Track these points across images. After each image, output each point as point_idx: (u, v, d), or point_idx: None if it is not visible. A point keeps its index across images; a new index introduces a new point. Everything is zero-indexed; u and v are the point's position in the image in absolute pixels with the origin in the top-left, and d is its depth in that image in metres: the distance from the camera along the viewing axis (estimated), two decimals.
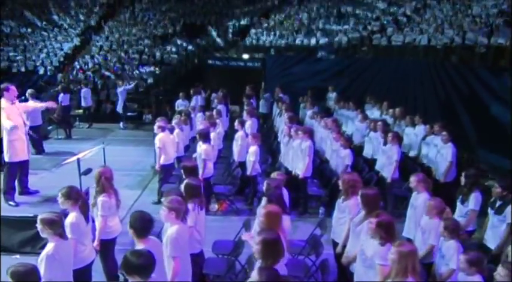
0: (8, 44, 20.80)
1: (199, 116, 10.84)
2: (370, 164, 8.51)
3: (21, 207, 6.98)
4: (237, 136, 8.46)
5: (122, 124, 14.21)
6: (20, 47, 20.79)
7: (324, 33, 18.30)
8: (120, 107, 14.11)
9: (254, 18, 22.24)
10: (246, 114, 9.43)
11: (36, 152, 10.59)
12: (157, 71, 18.77)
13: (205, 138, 7.50)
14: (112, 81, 16.93)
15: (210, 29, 21.60)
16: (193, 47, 20.69)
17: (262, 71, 19.27)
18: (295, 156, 7.78)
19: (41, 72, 19.01)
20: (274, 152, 9.83)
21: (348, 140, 7.74)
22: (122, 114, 14.27)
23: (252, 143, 7.81)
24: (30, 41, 21.51)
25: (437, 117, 10.87)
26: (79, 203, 4.44)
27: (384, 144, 7.91)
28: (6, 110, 6.99)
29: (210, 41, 21.35)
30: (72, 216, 4.36)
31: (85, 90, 14.34)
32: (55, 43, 21.25)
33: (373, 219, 3.97)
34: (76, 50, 21.01)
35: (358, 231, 4.51)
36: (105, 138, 12.75)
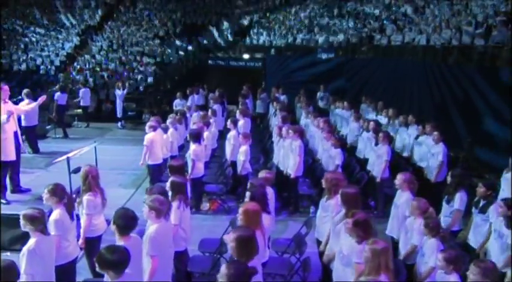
0: (10, 43, 20.95)
1: (195, 116, 10.90)
2: (362, 164, 8.54)
3: (13, 205, 7.05)
4: (230, 135, 8.51)
5: (120, 123, 14.30)
6: (21, 47, 20.91)
7: (324, 33, 18.32)
8: (119, 110, 14.19)
9: (254, 18, 22.29)
10: (239, 113, 9.48)
11: (33, 152, 10.72)
12: (158, 71, 18.85)
13: (195, 138, 7.57)
14: (113, 81, 17.01)
15: (212, 28, 21.65)
16: (193, 47, 20.76)
17: (263, 70, 19.35)
18: (286, 156, 7.83)
19: (42, 71, 19.13)
20: (267, 151, 9.87)
21: (339, 140, 7.77)
22: (120, 116, 14.34)
23: (242, 143, 7.85)
24: (32, 39, 21.64)
25: (431, 118, 10.91)
26: (64, 200, 4.51)
27: (375, 144, 7.94)
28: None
29: (211, 40, 21.40)
30: (56, 213, 4.43)
31: (84, 90, 14.44)
32: (56, 43, 21.38)
33: (349, 219, 4.01)
34: (77, 49, 21.11)
35: (338, 230, 4.54)
36: (102, 137, 12.85)
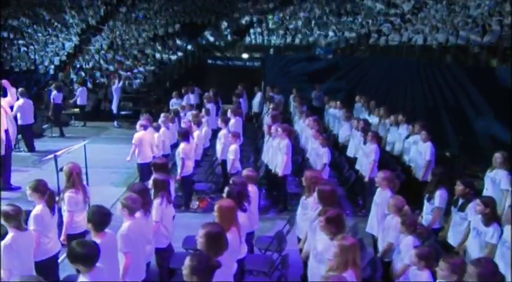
0: (11, 43, 21.11)
1: (189, 115, 10.95)
2: (352, 163, 8.58)
3: (2, 202, 7.13)
4: (220, 134, 8.57)
5: (116, 122, 14.39)
6: (21, 47, 21.06)
7: (323, 33, 18.37)
8: (115, 105, 14.28)
9: (254, 18, 22.35)
10: (230, 112, 9.54)
11: (28, 150, 10.85)
12: (157, 71, 18.94)
13: (184, 136, 7.64)
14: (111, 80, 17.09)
15: (211, 28, 21.73)
16: (193, 46, 20.84)
17: (262, 70, 19.37)
18: (275, 155, 7.88)
19: (41, 71, 19.28)
20: (259, 150, 9.93)
21: (327, 139, 7.80)
22: (116, 113, 14.43)
23: (232, 142, 7.91)
24: (33, 39, 21.80)
25: (422, 117, 10.96)
26: (46, 196, 4.59)
27: (364, 143, 7.98)
28: None
29: (211, 40, 21.48)
30: (37, 209, 4.52)
31: (81, 90, 14.56)
32: (57, 42, 21.52)
33: (322, 217, 4.06)
34: (77, 49, 21.24)
35: (314, 227, 4.59)
36: (98, 136, 12.95)
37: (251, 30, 21.06)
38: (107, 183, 8.86)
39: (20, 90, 10.94)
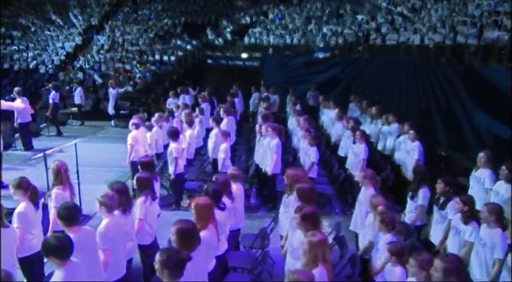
0: (12, 43, 21.29)
1: (182, 114, 11.02)
2: (343, 162, 8.62)
3: None
4: (212, 134, 8.63)
5: (114, 122, 14.50)
6: (22, 46, 21.24)
7: (321, 33, 18.41)
8: (110, 108, 14.40)
9: (253, 18, 22.42)
10: (223, 112, 9.61)
11: (25, 149, 10.97)
12: (157, 70, 19.04)
13: (173, 136, 7.72)
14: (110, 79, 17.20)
15: (207, 32, 21.81)
16: (193, 46, 20.93)
17: (261, 70, 19.43)
18: (265, 154, 7.94)
19: (41, 70, 19.43)
20: (252, 149, 9.99)
21: (315, 138, 7.85)
22: (113, 113, 14.54)
23: (222, 141, 7.98)
24: (33, 39, 21.96)
25: (416, 116, 11.01)
26: (28, 192, 4.68)
27: (354, 143, 8.03)
28: None
29: (210, 40, 21.57)
30: (20, 206, 4.61)
31: (79, 89, 14.69)
32: (57, 42, 21.68)
33: (297, 214, 4.13)
34: (77, 49, 21.39)
35: (294, 225, 4.66)
36: (95, 135, 13.07)
37: (250, 30, 21.12)
38: (100, 182, 8.91)
39: (17, 89, 11.08)
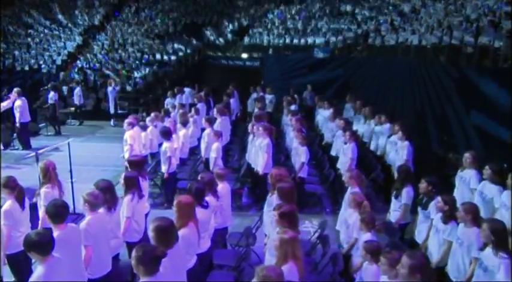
0: (14, 43, 21.49)
1: (177, 114, 11.11)
2: (334, 162, 8.68)
3: None
4: (205, 134, 8.72)
5: (113, 121, 14.63)
6: (23, 46, 21.42)
7: (321, 33, 18.47)
8: (111, 106, 14.53)
9: (254, 18, 22.50)
10: (216, 112, 9.69)
11: (23, 148, 11.11)
12: (157, 70, 19.16)
13: (166, 135, 7.82)
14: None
15: (208, 31, 21.91)
16: (193, 46, 21.03)
17: (261, 70, 19.52)
18: (257, 154, 8.02)
19: (44, 70, 19.59)
20: (245, 149, 10.06)
21: (306, 138, 7.92)
22: (113, 113, 14.67)
23: (214, 140, 8.06)
24: (35, 39, 22.14)
25: (411, 117, 11.05)
26: (15, 192, 4.79)
27: (345, 143, 8.09)
28: None
29: (211, 40, 21.67)
30: (7, 204, 4.74)
31: (78, 89, 14.84)
32: (58, 42, 21.85)
33: (276, 211, 4.22)
34: (79, 48, 21.55)
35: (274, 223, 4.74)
36: (93, 135, 13.20)
37: (250, 30, 21.21)
38: (95, 181, 9.02)
39: (17, 89, 11.22)
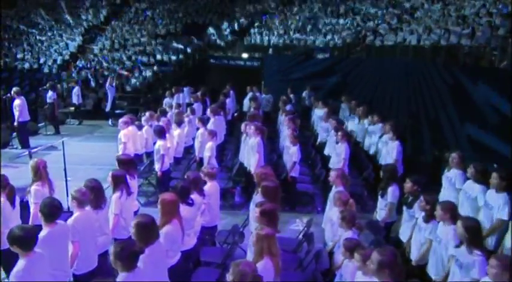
0: (16, 44, 21.70)
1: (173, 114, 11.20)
2: (327, 161, 8.74)
3: None
4: (198, 133, 8.81)
5: (111, 121, 14.74)
6: (25, 46, 21.62)
7: (321, 33, 18.54)
8: (109, 104, 14.65)
9: (254, 18, 22.59)
10: (209, 112, 9.77)
11: (22, 147, 11.23)
12: (157, 70, 19.30)
13: (160, 134, 7.92)
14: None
15: (210, 30, 22.02)
16: (193, 46, 21.15)
17: (261, 69, 19.58)
18: (249, 153, 8.11)
19: (45, 70, 19.78)
20: (239, 148, 10.13)
21: (297, 137, 7.99)
22: (110, 112, 14.79)
23: (208, 140, 8.15)
24: (37, 39, 22.35)
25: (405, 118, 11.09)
26: (6, 190, 4.90)
27: (337, 143, 8.15)
28: None
29: (211, 40, 21.78)
30: None
31: (76, 89, 14.98)
32: (60, 42, 22.03)
33: (257, 208, 4.30)
34: (80, 48, 21.73)
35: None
36: (92, 134, 13.33)
37: (251, 30, 21.29)
38: None
39: (16, 89, 11.35)
